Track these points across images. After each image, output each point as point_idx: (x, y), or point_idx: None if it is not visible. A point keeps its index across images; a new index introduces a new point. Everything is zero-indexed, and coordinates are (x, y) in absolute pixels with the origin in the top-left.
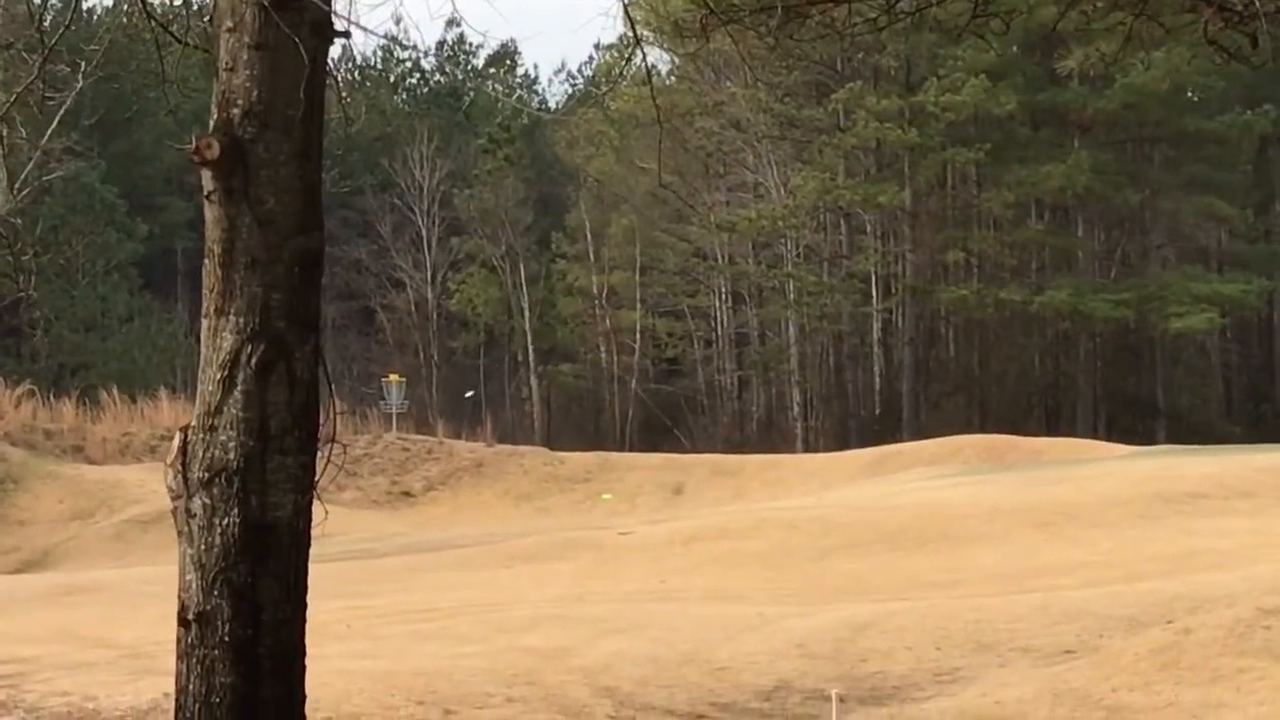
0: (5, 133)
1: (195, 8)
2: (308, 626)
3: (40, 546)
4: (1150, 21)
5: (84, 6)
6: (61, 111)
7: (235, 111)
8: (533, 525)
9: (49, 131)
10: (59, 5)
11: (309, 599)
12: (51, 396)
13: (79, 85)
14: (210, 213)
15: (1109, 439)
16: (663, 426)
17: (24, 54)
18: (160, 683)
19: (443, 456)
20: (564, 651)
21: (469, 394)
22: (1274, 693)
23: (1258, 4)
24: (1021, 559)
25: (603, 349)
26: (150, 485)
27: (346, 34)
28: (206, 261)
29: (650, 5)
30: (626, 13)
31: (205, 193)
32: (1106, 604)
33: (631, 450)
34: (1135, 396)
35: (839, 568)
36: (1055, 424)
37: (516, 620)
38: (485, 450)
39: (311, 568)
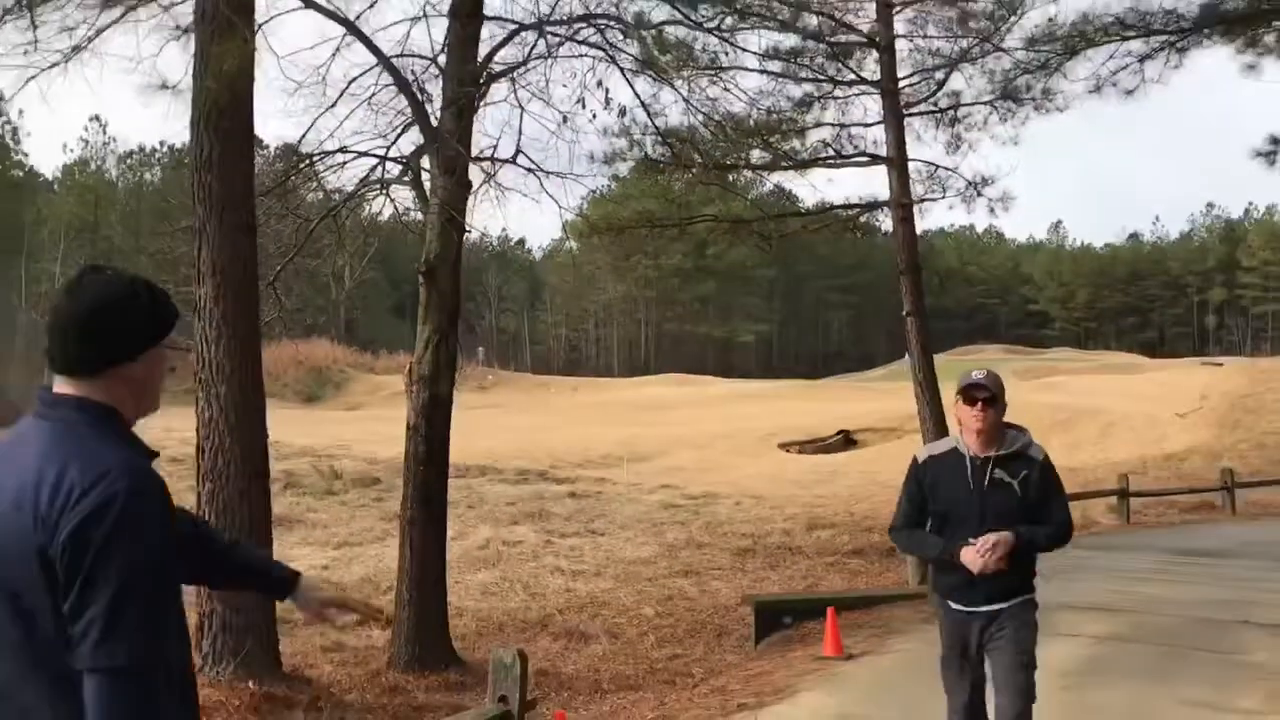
0: (348, 259)
1: (419, 222)
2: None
3: (358, 402)
4: (736, 237)
5: (378, 216)
6: (368, 255)
7: (432, 255)
8: (527, 400)
9: (364, 261)
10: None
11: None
12: (364, 352)
13: (375, 244)
14: (422, 290)
15: (721, 378)
16: (570, 367)
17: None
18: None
19: (496, 376)
20: (536, 440)
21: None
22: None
23: (769, 235)
24: (689, 417)
25: (551, 339)
26: (398, 382)
27: (469, 231)
28: (420, 309)
29: (573, 225)
30: (564, 228)
31: (420, 283)
32: (714, 431)
33: (559, 375)
34: (728, 365)
35: (628, 416)
36: (703, 371)
37: (519, 430)
38: (511, 374)
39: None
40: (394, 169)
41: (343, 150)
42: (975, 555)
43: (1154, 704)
